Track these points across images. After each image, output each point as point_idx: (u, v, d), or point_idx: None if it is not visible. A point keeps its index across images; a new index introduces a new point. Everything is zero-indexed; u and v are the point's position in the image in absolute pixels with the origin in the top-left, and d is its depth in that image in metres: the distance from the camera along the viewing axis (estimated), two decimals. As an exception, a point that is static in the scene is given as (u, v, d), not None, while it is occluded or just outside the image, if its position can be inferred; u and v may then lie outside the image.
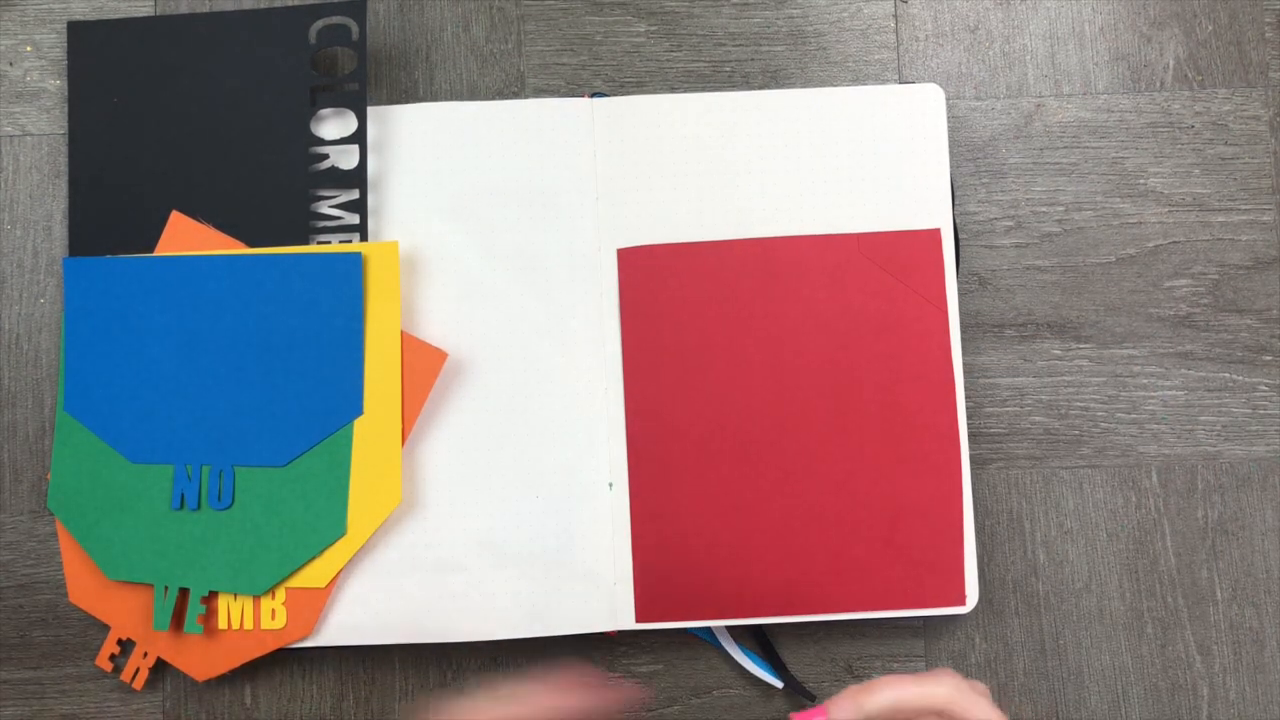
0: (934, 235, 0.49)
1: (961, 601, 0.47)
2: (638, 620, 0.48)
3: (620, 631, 0.48)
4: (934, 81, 0.51)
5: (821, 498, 0.48)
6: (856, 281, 0.48)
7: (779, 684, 0.49)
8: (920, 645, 0.49)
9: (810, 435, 0.48)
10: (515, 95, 0.51)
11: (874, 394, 0.48)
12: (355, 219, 0.49)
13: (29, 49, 0.52)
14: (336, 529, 0.47)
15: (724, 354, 0.48)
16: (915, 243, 0.49)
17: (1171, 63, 0.52)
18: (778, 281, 0.49)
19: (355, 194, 0.49)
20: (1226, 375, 0.50)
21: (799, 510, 0.48)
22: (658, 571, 0.48)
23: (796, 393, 0.48)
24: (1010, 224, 0.51)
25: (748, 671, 0.49)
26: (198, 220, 0.49)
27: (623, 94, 0.51)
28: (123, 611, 0.48)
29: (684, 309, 0.49)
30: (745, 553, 0.48)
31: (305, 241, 0.49)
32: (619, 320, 0.49)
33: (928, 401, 0.48)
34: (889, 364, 0.48)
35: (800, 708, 0.41)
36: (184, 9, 0.52)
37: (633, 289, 0.49)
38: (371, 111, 0.49)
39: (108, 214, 0.50)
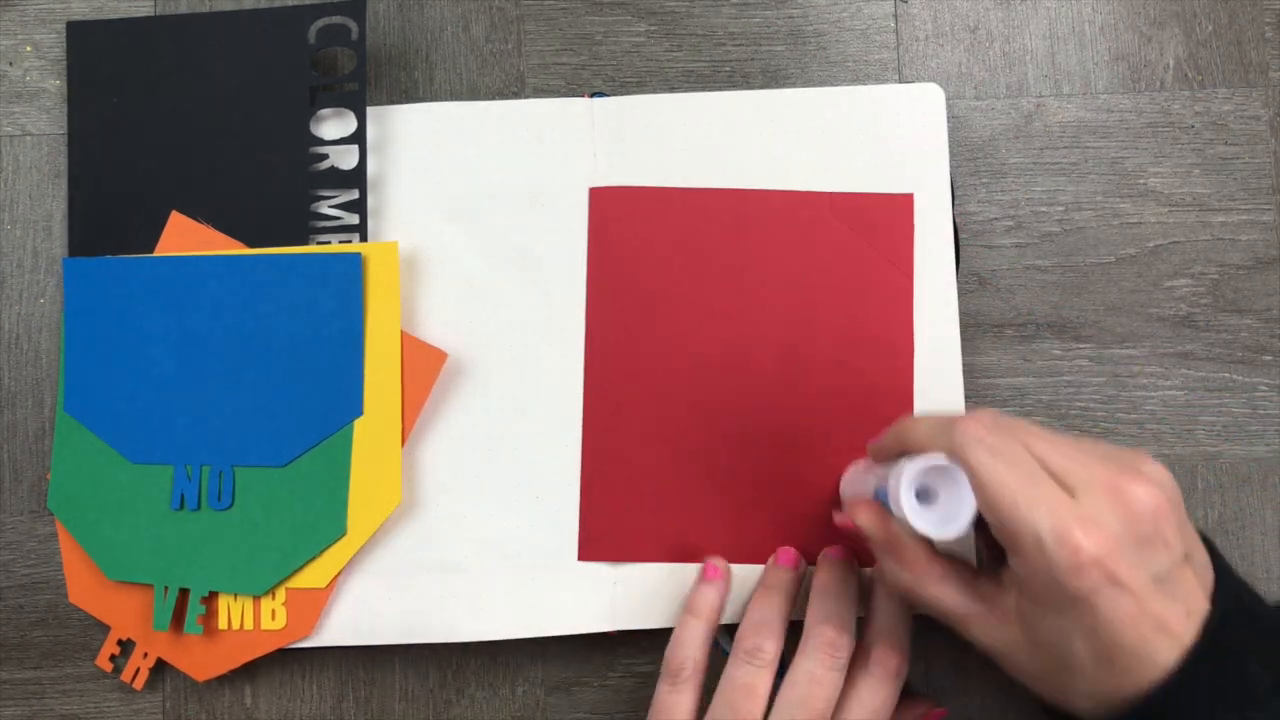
0: (907, 200, 0.49)
1: None
2: (580, 559, 0.48)
3: (620, 631, 0.48)
4: (934, 81, 0.51)
5: (771, 452, 0.48)
6: (824, 239, 0.49)
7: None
8: (921, 645, 0.49)
9: (765, 390, 0.48)
10: (515, 95, 0.51)
11: (831, 353, 0.48)
12: (355, 219, 0.49)
13: (29, 49, 0.52)
14: (336, 529, 0.47)
15: (686, 300, 0.49)
16: (887, 206, 0.49)
17: (1171, 63, 0.52)
18: (746, 232, 0.49)
19: (355, 194, 0.49)
20: (1226, 375, 0.50)
21: (747, 462, 0.48)
22: (603, 512, 0.48)
23: (755, 345, 0.48)
24: (1010, 224, 0.51)
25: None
26: (197, 220, 0.49)
27: (623, 94, 0.51)
28: (123, 612, 0.48)
29: (650, 250, 0.49)
30: (691, 499, 0.48)
31: (305, 242, 0.49)
32: (585, 259, 0.49)
33: (885, 366, 0.48)
34: (849, 325, 0.48)
35: None
36: (184, 9, 0.52)
37: (601, 228, 0.49)
38: (371, 112, 0.49)
39: (108, 214, 0.50)
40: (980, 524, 0.38)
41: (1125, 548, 0.35)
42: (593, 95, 0.50)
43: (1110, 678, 0.36)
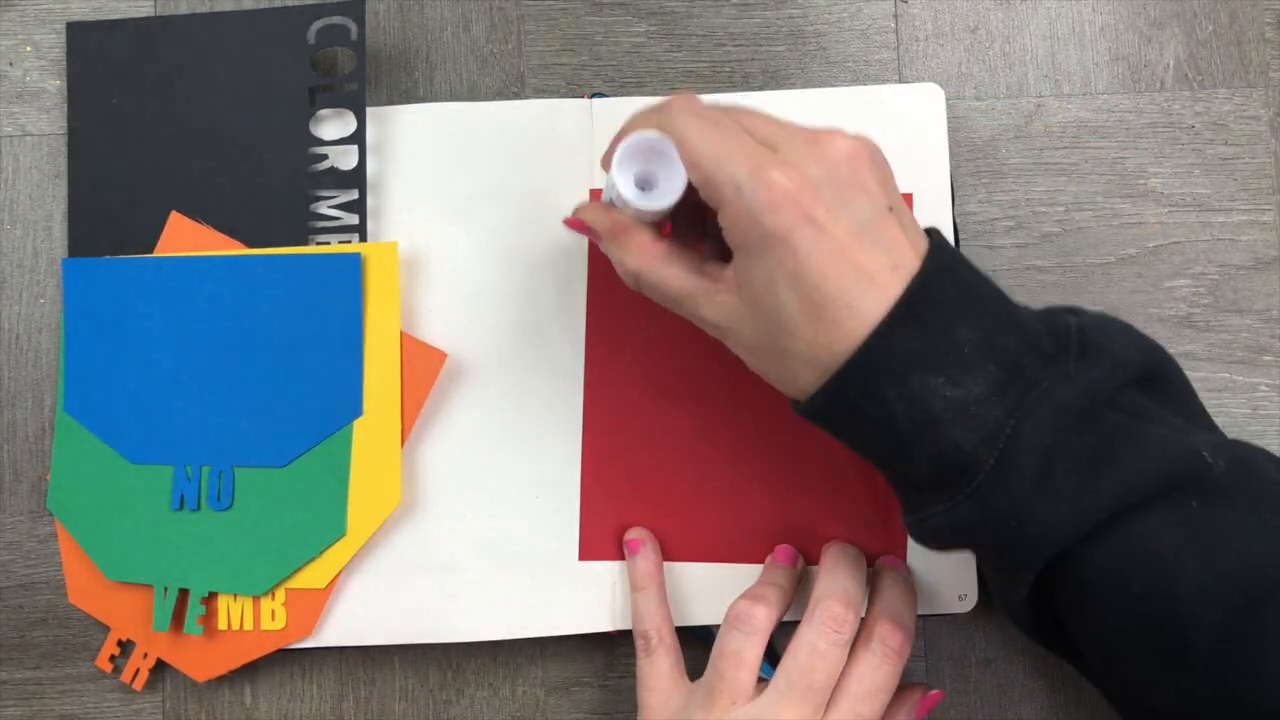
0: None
1: (901, 554, 0.48)
2: (580, 559, 0.48)
3: (620, 631, 0.48)
4: (934, 81, 0.51)
5: (771, 451, 0.48)
6: None
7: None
8: (920, 645, 0.49)
9: (765, 390, 0.48)
10: (515, 95, 0.51)
11: None
12: (354, 219, 0.49)
13: (29, 49, 0.52)
14: (336, 530, 0.47)
15: None
16: None
17: (1171, 63, 0.52)
18: None
19: (354, 194, 0.49)
20: (1226, 375, 0.50)
21: (747, 462, 0.48)
22: (603, 512, 0.48)
23: None
24: (1010, 224, 0.51)
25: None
26: (197, 220, 0.49)
27: (623, 94, 0.51)
28: (123, 612, 0.48)
29: None
30: (691, 499, 0.48)
31: (304, 242, 0.49)
32: (585, 259, 0.49)
33: None
34: None
35: None
36: (184, 9, 0.52)
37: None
38: (371, 112, 0.49)
39: (108, 214, 0.50)
40: (699, 212, 0.39)
41: (822, 189, 0.36)
42: (593, 96, 0.50)
43: (821, 331, 0.36)
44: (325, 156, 0.49)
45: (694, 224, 0.42)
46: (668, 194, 0.39)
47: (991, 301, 0.38)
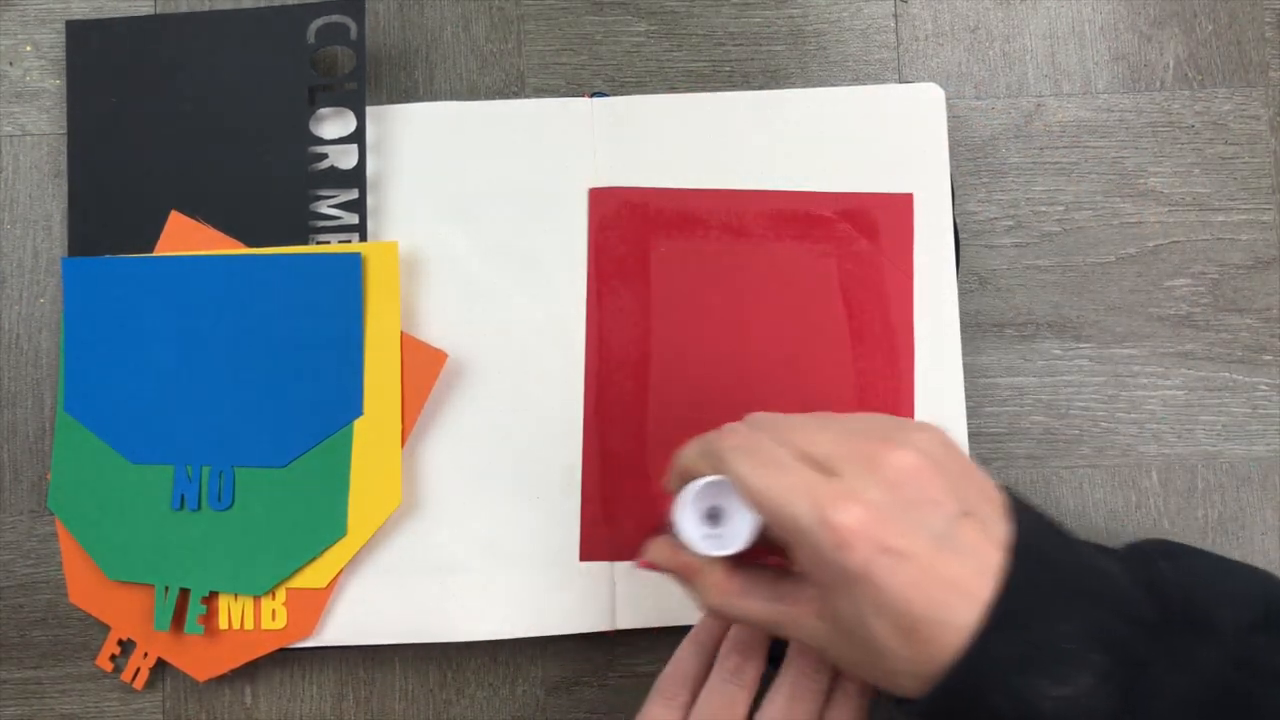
0: (906, 200, 0.49)
1: None
2: (580, 559, 0.48)
3: (620, 631, 0.48)
4: (934, 81, 0.51)
5: None
6: (824, 239, 0.49)
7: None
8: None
9: (765, 389, 0.48)
10: (515, 95, 0.51)
11: (832, 353, 0.48)
12: (355, 219, 0.49)
13: (29, 49, 0.52)
14: (337, 530, 0.47)
15: (685, 300, 0.49)
16: (887, 206, 0.49)
17: (1171, 62, 0.52)
18: (746, 232, 0.49)
19: (355, 194, 0.49)
20: (1226, 375, 0.50)
21: None
22: (603, 512, 0.48)
23: (755, 345, 0.49)
24: (1010, 224, 0.51)
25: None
26: (197, 220, 0.49)
27: (623, 94, 0.51)
28: (123, 611, 0.48)
29: (650, 251, 0.49)
30: None
31: (305, 242, 0.49)
32: (585, 259, 0.49)
33: (885, 366, 0.48)
34: (849, 325, 0.49)
35: None
36: (184, 8, 0.52)
37: (601, 228, 0.49)
38: (371, 111, 0.49)
39: (107, 214, 0.50)
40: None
41: (891, 515, 0.34)
42: (593, 95, 0.50)
43: (919, 650, 0.35)
44: (325, 156, 0.49)
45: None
46: (738, 537, 0.38)
47: (1086, 578, 0.36)
